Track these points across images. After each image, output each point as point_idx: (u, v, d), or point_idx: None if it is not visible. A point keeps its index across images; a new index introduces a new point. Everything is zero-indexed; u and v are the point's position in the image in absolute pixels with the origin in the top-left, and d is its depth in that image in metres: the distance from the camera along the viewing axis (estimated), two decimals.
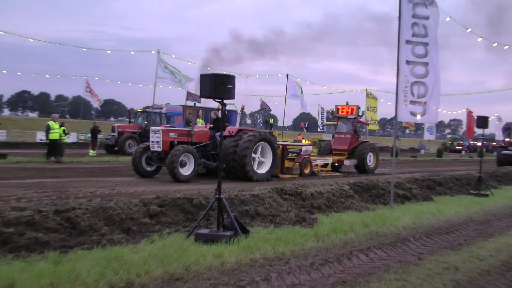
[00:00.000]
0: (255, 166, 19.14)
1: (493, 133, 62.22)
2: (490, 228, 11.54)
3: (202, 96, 9.12)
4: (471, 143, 78.53)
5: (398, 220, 11.35)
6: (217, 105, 20.71)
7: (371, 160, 26.28)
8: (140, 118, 35.97)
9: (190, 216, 9.66)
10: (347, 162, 25.84)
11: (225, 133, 19.09)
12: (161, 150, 18.17)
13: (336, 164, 25.90)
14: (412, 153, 61.86)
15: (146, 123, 33.96)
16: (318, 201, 12.12)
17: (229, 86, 8.79)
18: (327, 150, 27.37)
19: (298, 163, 21.79)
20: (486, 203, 15.53)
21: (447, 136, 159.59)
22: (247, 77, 46.04)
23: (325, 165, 24.80)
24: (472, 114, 48.23)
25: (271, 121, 61.68)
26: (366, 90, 45.85)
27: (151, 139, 18.53)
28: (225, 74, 9.21)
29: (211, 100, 9.71)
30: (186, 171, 17.60)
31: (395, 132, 17.01)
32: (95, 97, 49.06)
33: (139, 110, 37.30)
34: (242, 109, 21.97)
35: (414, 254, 8.57)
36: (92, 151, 31.74)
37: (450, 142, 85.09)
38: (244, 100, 52.26)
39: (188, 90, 33.69)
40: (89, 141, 34.61)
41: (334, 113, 28.56)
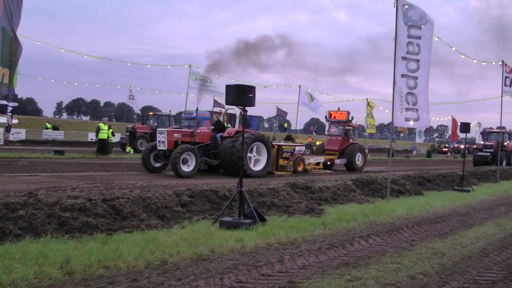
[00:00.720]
0: (251, 164, 18.62)
1: (474, 137, 61.73)
2: (471, 219, 11.39)
3: (227, 103, 9.14)
4: (456, 145, 77.67)
5: (393, 211, 11.26)
6: (219, 110, 20.65)
7: (359, 160, 25.68)
8: (151, 120, 35.15)
9: (215, 206, 9.64)
10: (338, 161, 25.30)
11: (225, 134, 18.74)
12: (166, 148, 17.61)
13: (328, 163, 25.41)
14: (406, 153, 61.38)
15: (156, 124, 33.05)
16: (325, 194, 12.06)
17: (250, 95, 8.77)
18: (321, 150, 26.86)
19: (292, 162, 21.29)
20: (468, 197, 15.37)
21: (435, 139, 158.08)
22: (265, 87, 45.90)
23: (317, 164, 24.31)
24: (456, 121, 47.79)
25: (285, 125, 61.56)
26: (367, 99, 45.54)
27: (158, 138, 18.02)
28: (247, 85, 9.19)
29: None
30: (188, 168, 17.04)
31: (391, 136, 16.94)
32: (135, 101, 49.33)
33: (150, 113, 36.71)
34: (241, 113, 21.48)
35: (407, 241, 8.47)
36: (130, 149, 31.81)
37: (438, 145, 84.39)
38: (261, 107, 52.19)
39: (215, 98, 33.49)
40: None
41: (327, 117, 28.12)
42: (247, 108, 9.07)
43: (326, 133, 28.97)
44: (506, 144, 34.77)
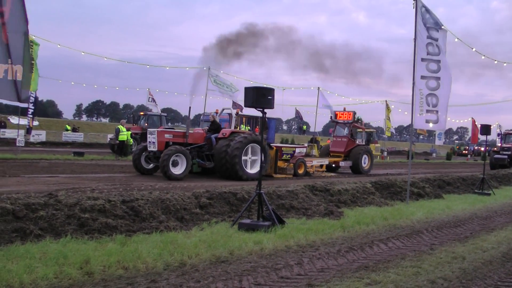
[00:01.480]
0: (247, 166, 17.89)
1: (494, 139, 60.93)
2: (492, 223, 11.24)
3: (246, 105, 9.08)
4: (476, 148, 76.79)
5: (413, 214, 11.16)
6: (216, 110, 20.22)
7: (365, 162, 24.92)
8: (142, 120, 34.14)
9: (234, 208, 9.65)
10: (343, 164, 24.52)
11: (219, 135, 18.14)
12: (156, 149, 17.03)
13: (333, 166, 24.63)
14: (425, 156, 60.90)
15: (147, 124, 32.15)
16: (344, 196, 12.01)
17: (269, 97, 8.74)
18: (325, 152, 26.10)
19: (292, 164, 20.64)
20: (488, 201, 15.17)
21: (455, 141, 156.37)
22: (284, 89, 45.76)
23: (321, 166, 23.58)
24: (476, 123, 47.23)
25: (304, 127, 61.37)
26: (386, 101, 45.08)
27: (148, 139, 17.46)
28: (266, 87, 9.14)
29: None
30: (178, 170, 16.40)
31: (411, 138, 16.77)
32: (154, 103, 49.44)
33: (141, 113, 35.85)
34: (237, 113, 20.69)
35: (427, 245, 8.39)
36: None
37: (457, 147, 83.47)
38: (280, 110, 51.94)
39: (234, 100, 33.28)
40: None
41: (332, 118, 27.35)
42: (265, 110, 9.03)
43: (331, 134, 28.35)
44: None
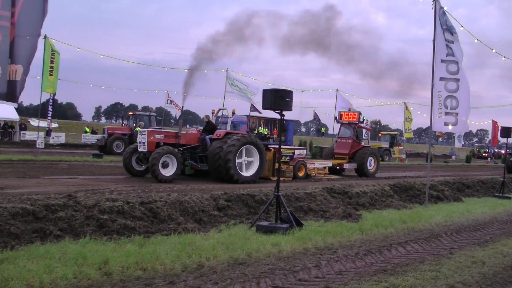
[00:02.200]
0: (242, 169, 17.11)
1: None
2: None
3: (264, 108, 9.07)
4: (496, 150, 75.69)
5: (432, 218, 11.07)
6: (212, 110, 19.84)
7: (371, 164, 23.98)
8: (131, 120, 32.97)
9: (252, 210, 9.67)
10: (347, 166, 23.56)
11: (214, 136, 17.30)
12: (146, 150, 16.37)
13: (337, 168, 23.65)
14: (444, 159, 60.27)
15: (135, 125, 31.11)
16: (362, 199, 11.96)
17: (287, 99, 8.73)
18: (329, 154, 25.10)
19: (292, 166, 19.99)
20: (509, 205, 14.99)
21: (475, 144, 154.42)
22: (302, 91, 45.46)
23: (324, 168, 22.74)
24: (497, 125, 46.56)
25: (323, 129, 61.12)
26: (405, 103, 44.63)
27: (138, 139, 16.83)
28: (284, 89, 9.15)
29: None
30: (168, 172, 15.81)
31: (430, 140, 16.63)
32: (176, 106, 49.54)
33: (130, 113, 34.68)
34: (233, 113, 20.13)
35: (446, 249, 8.31)
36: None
37: (477, 150, 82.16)
38: (298, 112, 51.46)
39: (253, 102, 33.11)
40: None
41: (337, 118, 26.62)
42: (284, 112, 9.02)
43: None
44: None
